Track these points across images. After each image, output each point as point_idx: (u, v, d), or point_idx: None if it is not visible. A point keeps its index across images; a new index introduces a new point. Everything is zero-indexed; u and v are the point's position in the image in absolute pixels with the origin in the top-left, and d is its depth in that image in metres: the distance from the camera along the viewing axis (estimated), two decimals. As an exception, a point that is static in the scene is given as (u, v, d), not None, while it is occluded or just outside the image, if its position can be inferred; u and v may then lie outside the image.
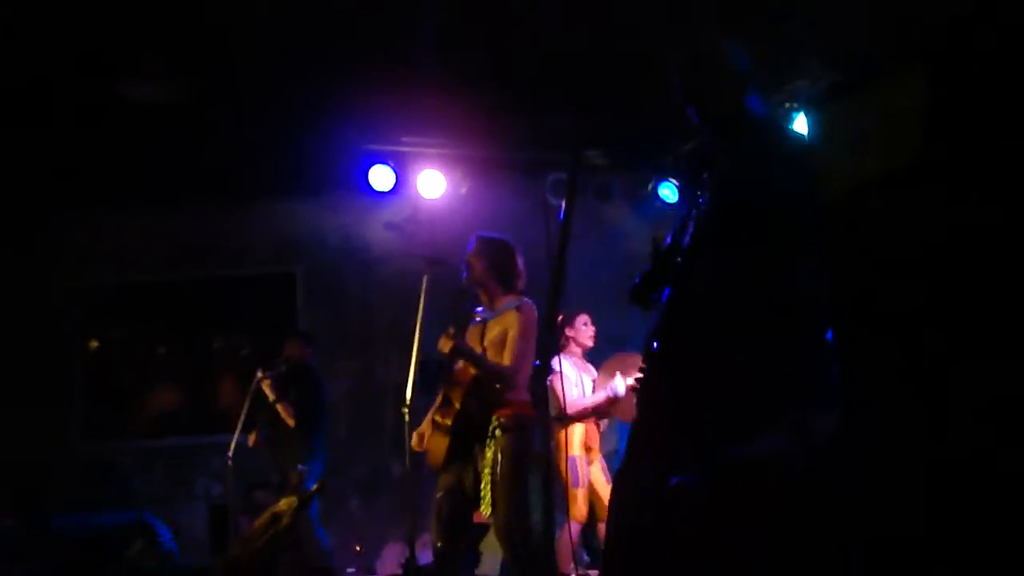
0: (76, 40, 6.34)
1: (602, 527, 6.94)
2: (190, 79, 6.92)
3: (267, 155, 8.38)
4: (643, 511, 2.54)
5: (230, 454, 7.25)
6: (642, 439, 2.97)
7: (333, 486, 7.48)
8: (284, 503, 6.66)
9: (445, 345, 5.05)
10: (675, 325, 2.91)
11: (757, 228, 2.71)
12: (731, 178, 2.83)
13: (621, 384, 6.62)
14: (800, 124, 6.03)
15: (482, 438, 5.12)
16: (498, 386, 5.09)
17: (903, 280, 1.73)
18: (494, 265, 5.34)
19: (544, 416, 4.11)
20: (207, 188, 9.12)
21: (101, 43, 6.38)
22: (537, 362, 2.92)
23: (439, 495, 5.22)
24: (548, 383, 2.91)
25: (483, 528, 6.58)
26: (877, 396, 1.76)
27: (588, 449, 6.84)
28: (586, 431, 6.84)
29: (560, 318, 6.78)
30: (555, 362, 6.40)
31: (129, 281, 9.83)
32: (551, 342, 3.01)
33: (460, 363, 5.21)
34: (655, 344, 2.92)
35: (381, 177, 8.41)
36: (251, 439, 7.65)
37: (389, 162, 8.39)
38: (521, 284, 5.40)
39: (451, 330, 5.09)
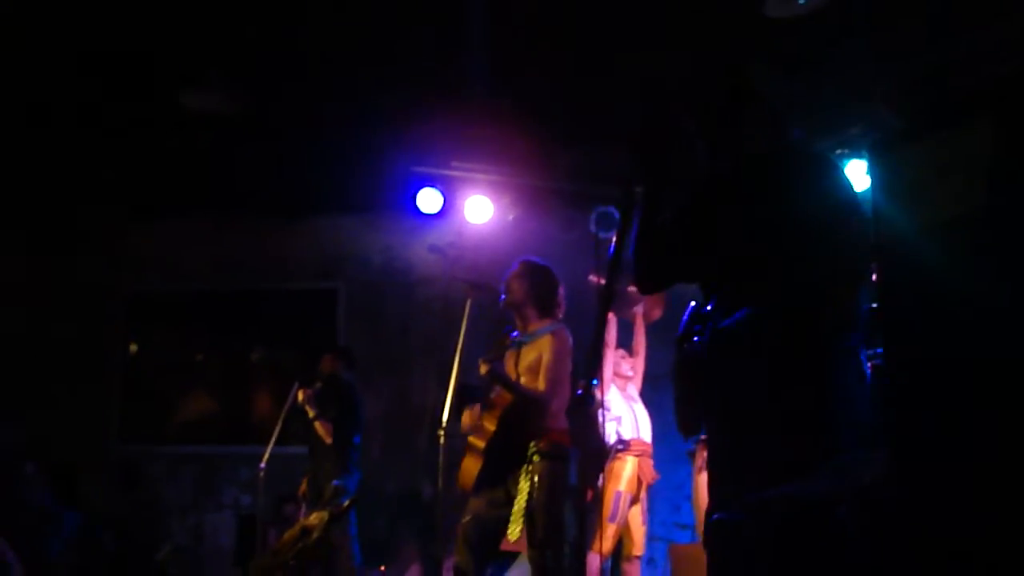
0: (138, 49, 6.44)
1: (626, 566, 6.92)
2: (248, 92, 7.00)
3: (317, 171, 8.45)
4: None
5: (263, 465, 7.28)
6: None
7: (363, 505, 7.49)
8: (315, 517, 6.68)
9: (483, 368, 5.08)
10: (714, 357, 2.91)
11: (799, 255, 2.73)
12: (772, 210, 2.84)
13: None
14: (854, 170, 6.04)
15: (514, 464, 5.12)
16: (532, 412, 5.10)
17: (955, 323, 1.74)
18: (534, 289, 5.36)
19: (581, 447, 4.11)
20: (256, 200, 9.21)
21: (163, 52, 6.48)
22: (580, 391, 2.91)
23: (466, 519, 5.22)
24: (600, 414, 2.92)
25: (511, 556, 6.57)
26: (925, 437, 1.76)
27: (639, 483, 6.81)
28: (639, 464, 6.82)
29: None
30: (603, 395, 6.41)
31: (172, 288, 9.92)
32: (593, 375, 3.00)
33: (497, 388, 5.23)
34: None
35: (429, 200, 8.45)
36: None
37: (438, 185, 8.44)
38: (559, 312, 5.40)
39: (489, 354, 5.12)
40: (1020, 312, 1.60)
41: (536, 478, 5.00)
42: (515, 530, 5.00)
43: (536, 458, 5.04)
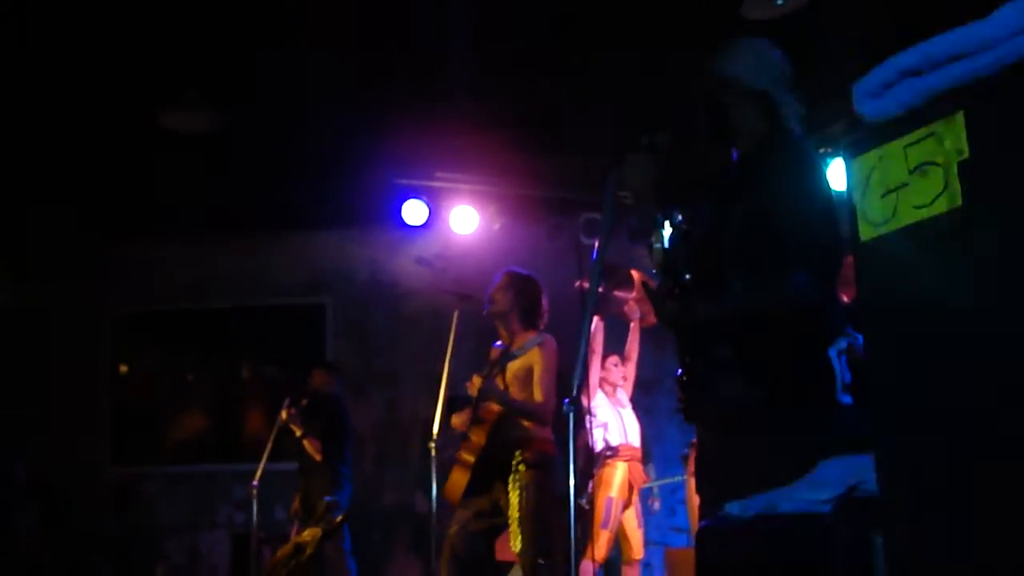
0: (118, 69, 6.42)
1: (626, 569, 6.92)
2: (228, 110, 6.98)
3: (301, 186, 8.43)
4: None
5: (255, 483, 7.25)
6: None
7: (356, 519, 7.47)
8: (308, 534, 6.66)
9: (473, 387, 5.08)
10: (696, 355, 2.90)
11: (782, 249, 2.73)
12: (754, 202, 2.83)
13: None
14: (835, 169, 6.04)
15: (499, 474, 5.13)
16: (527, 423, 5.11)
17: (935, 324, 1.73)
18: (519, 300, 5.36)
19: (567, 454, 4.11)
20: (240, 218, 9.19)
21: (142, 72, 6.46)
22: (566, 400, 2.90)
23: (453, 529, 5.22)
24: (586, 423, 2.91)
25: (505, 566, 6.55)
26: (909, 440, 1.75)
27: (630, 488, 6.81)
28: (629, 469, 6.82)
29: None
30: (589, 401, 6.41)
31: (159, 308, 9.89)
32: (581, 382, 2.98)
33: (485, 403, 5.22)
34: (680, 371, 2.92)
35: (414, 211, 8.44)
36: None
37: (422, 197, 8.43)
38: (542, 323, 5.41)
39: (480, 372, 5.13)
40: (997, 311, 1.59)
41: (523, 487, 5.00)
42: (517, 541, 5.01)
43: (522, 468, 5.04)
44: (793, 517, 2.05)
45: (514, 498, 5.02)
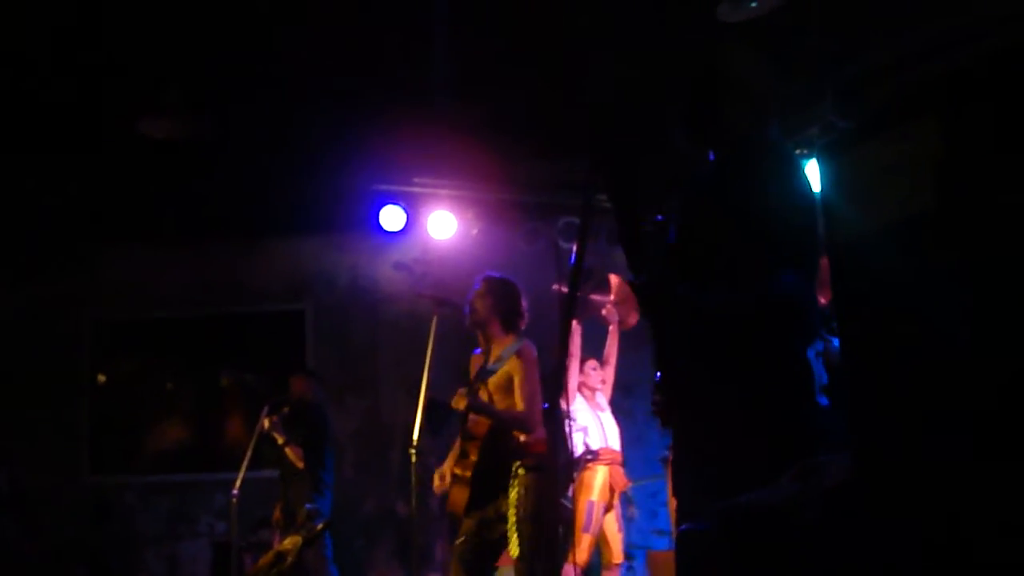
0: (97, 74, 6.39)
1: (606, 574, 6.92)
2: (204, 116, 6.96)
3: (278, 193, 8.42)
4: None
5: (235, 491, 7.21)
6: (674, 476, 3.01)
7: (338, 526, 7.45)
8: (289, 542, 6.63)
9: (459, 403, 5.09)
10: (676, 356, 2.91)
11: (760, 247, 2.73)
12: (737, 200, 2.83)
13: None
14: (811, 171, 6.06)
15: (502, 483, 5.15)
16: (517, 432, 5.13)
17: (910, 325, 1.73)
18: (498, 305, 5.36)
19: (553, 460, 4.11)
20: (218, 225, 9.17)
21: (121, 78, 6.43)
22: (546, 404, 2.90)
23: (460, 540, 5.23)
24: (565, 426, 2.91)
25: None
26: (889, 436, 1.76)
27: (611, 491, 6.82)
28: (610, 473, 6.82)
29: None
30: (568, 406, 6.41)
31: (138, 317, 9.84)
32: (559, 386, 2.98)
33: (473, 416, 5.23)
34: (659, 374, 2.93)
35: (392, 217, 8.43)
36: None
37: (400, 202, 8.42)
38: (522, 325, 5.41)
39: (464, 388, 5.13)
40: (972, 312, 1.59)
41: (522, 490, 5.02)
42: (514, 544, 5.02)
43: (521, 471, 5.08)
44: (769, 514, 2.05)
45: (513, 501, 5.05)
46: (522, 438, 5.15)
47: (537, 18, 5.87)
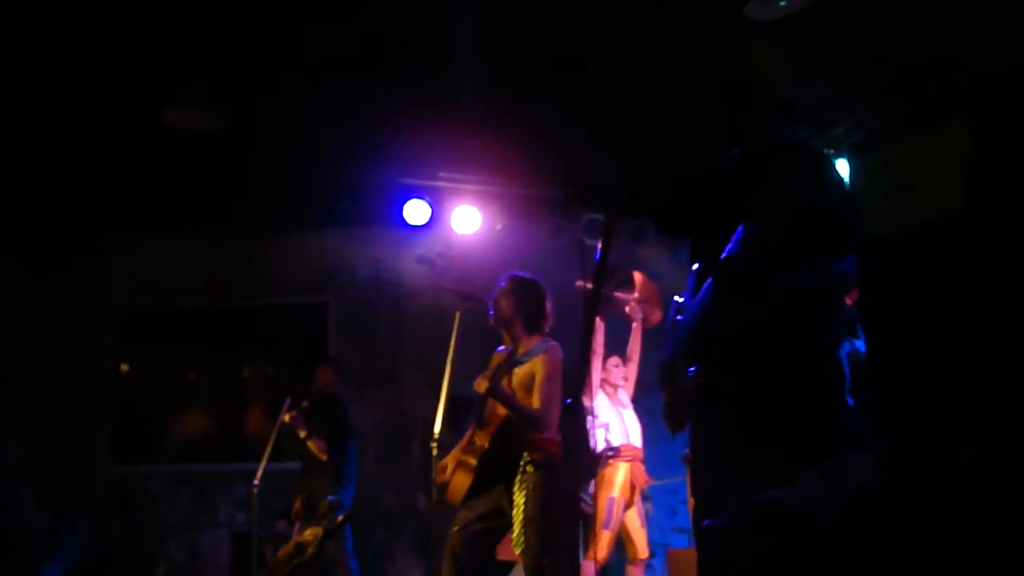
0: (121, 68, 6.42)
1: (631, 569, 6.92)
2: (232, 108, 6.98)
3: (304, 186, 8.43)
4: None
5: (256, 482, 7.23)
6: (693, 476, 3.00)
7: (358, 518, 7.46)
8: (309, 533, 6.65)
9: (481, 385, 5.07)
10: (706, 358, 2.89)
11: (804, 255, 2.71)
12: (779, 209, 2.80)
13: None
14: (840, 169, 6.04)
15: (505, 476, 5.13)
16: (526, 428, 5.11)
17: (942, 323, 1.73)
18: (522, 305, 5.34)
19: (572, 456, 4.11)
20: (243, 217, 9.19)
21: (146, 71, 6.46)
22: (568, 400, 2.90)
23: (455, 529, 5.22)
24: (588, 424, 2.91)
25: (505, 566, 6.55)
26: (910, 438, 1.75)
27: (632, 488, 6.82)
28: (631, 469, 6.82)
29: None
30: (591, 402, 6.42)
31: (162, 307, 9.89)
32: (582, 383, 2.98)
33: (490, 404, 5.22)
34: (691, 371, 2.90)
35: (416, 211, 8.43)
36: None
37: (425, 196, 8.42)
38: (547, 326, 5.40)
39: (488, 371, 5.12)
40: (998, 311, 1.59)
41: (530, 488, 5.00)
42: (520, 541, 5.00)
43: (529, 468, 5.05)
44: (793, 512, 2.05)
45: (520, 498, 5.03)
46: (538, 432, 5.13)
47: (561, 16, 5.86)
